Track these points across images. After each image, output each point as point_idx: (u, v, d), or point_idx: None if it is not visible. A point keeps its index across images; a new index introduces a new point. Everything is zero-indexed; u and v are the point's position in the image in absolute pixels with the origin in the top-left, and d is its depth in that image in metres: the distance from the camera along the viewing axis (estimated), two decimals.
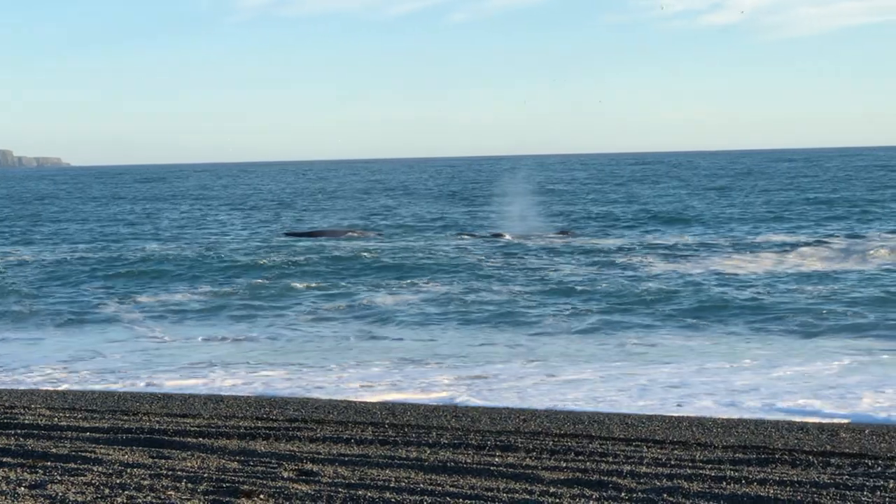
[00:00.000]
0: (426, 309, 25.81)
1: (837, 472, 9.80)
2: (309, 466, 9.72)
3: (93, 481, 8.94)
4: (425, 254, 38.08)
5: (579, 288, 28.44)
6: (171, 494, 8.52)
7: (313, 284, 30.71)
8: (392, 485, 8.94)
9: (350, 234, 48.01)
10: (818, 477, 9.53)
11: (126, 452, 10.39)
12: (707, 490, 8.89)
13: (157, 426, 12.04)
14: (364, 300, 27.67)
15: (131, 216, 66.92)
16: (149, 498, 8.42)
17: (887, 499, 8.64)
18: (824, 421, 13.82)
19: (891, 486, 9.08)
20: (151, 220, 62.54)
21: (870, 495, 8.76)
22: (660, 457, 10.51)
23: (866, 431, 12.73)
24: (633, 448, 11.09)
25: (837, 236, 41.55)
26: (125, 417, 12.96)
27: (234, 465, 9.88)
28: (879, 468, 9.99)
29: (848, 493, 8.87)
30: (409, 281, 31.20)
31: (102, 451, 10.40)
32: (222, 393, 16.26)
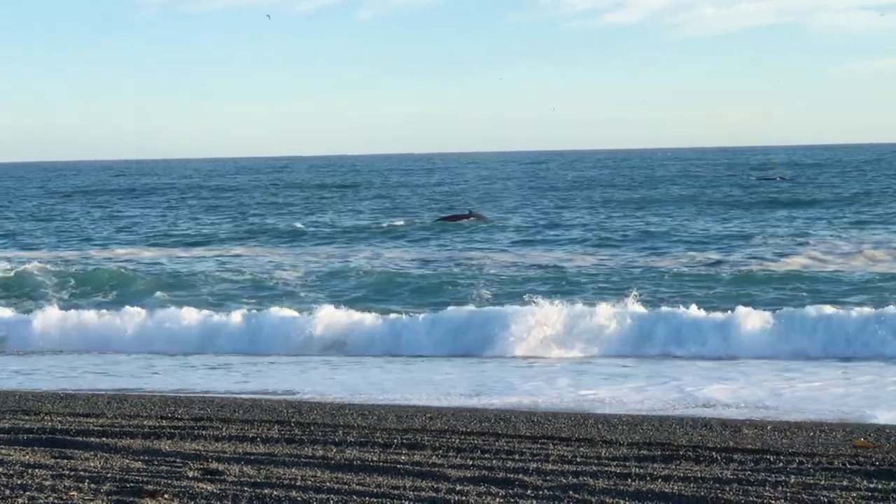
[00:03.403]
0: None
1: (740, 468, 9.92)
2: (214, 465, 9.64)
3: None
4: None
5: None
6: (73, 495, 8.41)
7: None
8: (298, 483, 8.90)
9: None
10: (721, 473, 9.64)
11: (27, 453, 10.24)
12: (612, 487, 8.95)
13: (59, 426, 11.88)
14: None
15: None
16: (51, 499, 8.30)
17: (788, 493, 8.76)
18: (727, 417, 14.00)
19: (792, 481, 9.21)
20: None
21: (772, 490, 8.88)
22: (566, 454, 10.56)
23: (768, 428, 12.91)
24: (539, 446, 11.14)
25: None
26: (26, 417, 12.77)
27: (139, 464, 9.78)
28: (781, 464, 10.13)
29: (750, 488, 8.98)
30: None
31: (3, 451, 10.23)
32: (128, 392, 16.09)
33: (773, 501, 8.50)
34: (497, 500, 8.51)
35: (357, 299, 27.10)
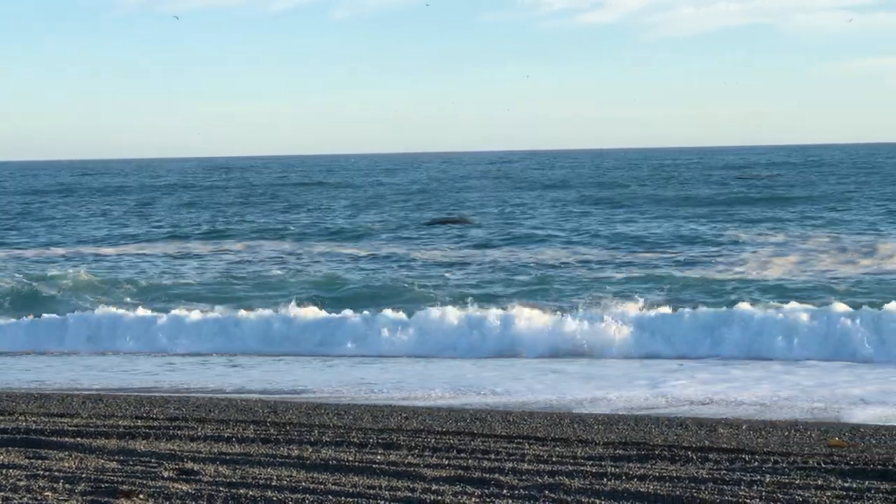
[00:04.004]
0: None
1: (715, 468, 9.94)
2: (189, 465, 9.62)
3: None
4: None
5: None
6: (48, 495, 8.38)
7: None
8: (274, 483, 8.89)
9: None
10: (697, 472, 9.66)
11: (1, 453, 10.20)
12: (588, 486, 8.96)
13: (33, 426, 11.83)
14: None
15: None
16: (25, 499, 8.27)
17: (763, 492, 8.78)
18: (702, 417, 14.04)
19: (766, 480, 9.24)
20: None
21: (746, 489, 8.90)
22: (541, 454, 10.57)
23: (743, 427, 12.95)
24: (514, 445, 11.14)
25: None
26: (0, 417, 12.71)
27: (113, 464, 9.75)
28: (756, 463, 10.16)
29: (725, 487, 9.00)
30: None
31: None
32: (103, 393, 16.04)
33: (748, 501, 8.52)
34: (473, 499, 8.51)
35: (335, 299, 27.06)
